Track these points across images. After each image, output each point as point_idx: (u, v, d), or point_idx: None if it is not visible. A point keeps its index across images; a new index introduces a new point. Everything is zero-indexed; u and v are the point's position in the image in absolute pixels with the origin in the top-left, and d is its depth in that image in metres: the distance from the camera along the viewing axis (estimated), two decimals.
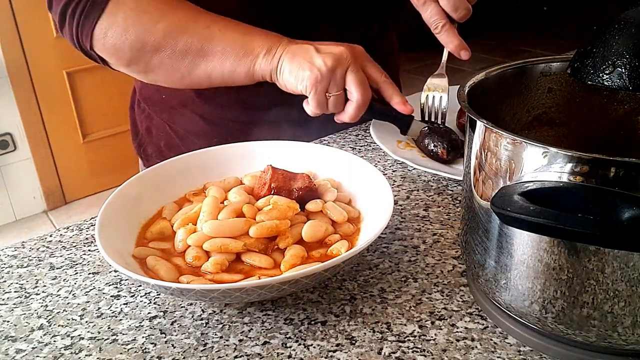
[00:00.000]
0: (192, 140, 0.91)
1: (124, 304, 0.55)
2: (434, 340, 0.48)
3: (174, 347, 0.49)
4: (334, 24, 0.83)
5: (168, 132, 0.94)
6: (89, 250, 0.64)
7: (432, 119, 0.78)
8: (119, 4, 0.70)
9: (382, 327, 0.50)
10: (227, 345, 0.49)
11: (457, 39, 0.74)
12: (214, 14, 0.72)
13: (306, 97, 0.70)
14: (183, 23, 0.70)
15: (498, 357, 0.46)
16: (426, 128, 0.78)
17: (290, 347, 0.49)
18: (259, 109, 0.87)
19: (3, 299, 0.56)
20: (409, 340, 0.49)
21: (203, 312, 0.53)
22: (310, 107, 0.70)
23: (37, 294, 0.57)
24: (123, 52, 0.72)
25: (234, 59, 0.70)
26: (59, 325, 0.53)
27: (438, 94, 0.78)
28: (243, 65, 0.71)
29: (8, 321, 0.54)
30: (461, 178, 0.59)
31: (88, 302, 0.55)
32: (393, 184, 0.73)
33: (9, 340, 0.51)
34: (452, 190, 0.71)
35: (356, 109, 0.70)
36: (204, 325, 0.52)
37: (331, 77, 0.68)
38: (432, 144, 0.76)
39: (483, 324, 0.50)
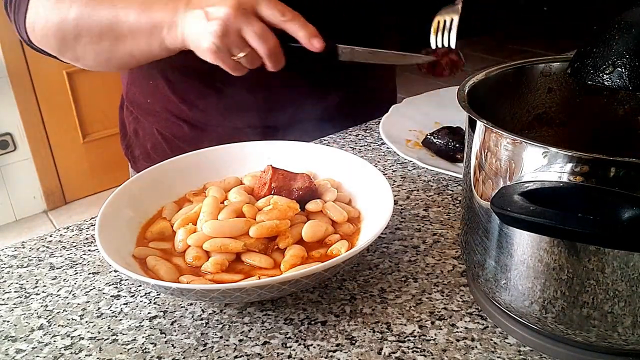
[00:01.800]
0: (177, 144, 0.90)
1: (124, 304, 0.55)
2: (434, 340, 0.48)
3: (174, 347, 0.49)
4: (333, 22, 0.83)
5: (155, 135, 0.92)
6: (89, 250, 0.64)
7: (442, 43, 0.76)
8: None
9: (382, 327, 0.50)
10: (227, 345, 0.49)
11: None
12: None
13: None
14: (90, 8, 0.70)
15: (498, 357, 0.46)
16: (433, 131, 0.77)
17: (290, 347, 0.49)
18: (242, 114, 0.86)
19: (3, 299, 0.56)
20: (409, 340, 0.49)
21: (203, 312, 0.53)
22: (230, 72, 0.69)
23: (37, 294, 0.57)
24: (51, 43, 0.73)
25: (145, 37, 0.69)
26: (59, 325, 0.53)
27: (449, 17, 0.76)
28: (155, 42, 0.70)
29: (8, 321, 0.54)
30: None
31: (88, 302, 0.55)
32: (393, 184, 0.73)
33: (9, 340, 0.51)
34: (452, 190, 0.71)
35: (268, 60, 0.67)
36: (204, 325, 0.52)
37: (228, 43, 0.65)
38: (444, 143, 0.76)
39: (483, 324, 0.50)
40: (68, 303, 0.55)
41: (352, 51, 0.71)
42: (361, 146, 0.84)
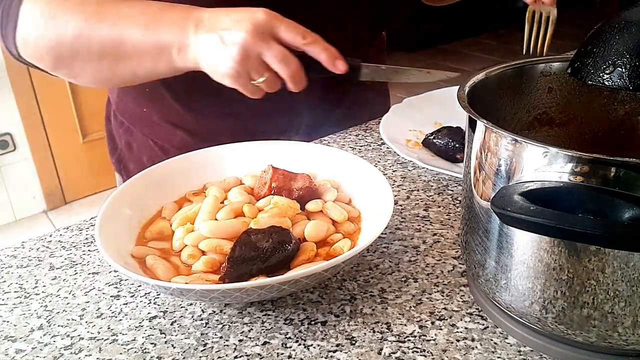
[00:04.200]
0: (176, 154, 0.86)
1: (124, 304, 0.55)
2: (434, 340, 0.48)
3: (174, 347, 0.49)
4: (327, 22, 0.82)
5: (151, 147, 0.88)
6: (89, 250, 0.64)
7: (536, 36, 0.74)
8: (29, 10, 0.66)
9: (382, 327, 0.50)
10: (227, 346, 0.49)
11: None
12: (121, 1, 0.67)
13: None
14: (90, 25, 0.66)
15: (498, 357, 0.46)
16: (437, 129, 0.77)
17: (290, 347, 0.49)
18: (249, 121, 0.84)
19: (3, 299, 0.56)
20: (409, 340, 0.48)
21: (203, 312, 0.53)
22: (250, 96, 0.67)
23: (36, 294, 0.57)
24: (44, 59, 0.69)
25: (150, 58, 0.66)
26: (58, 326, 0.53)
27: (545, 11, 0.74)
28: (162, 64, 0.67)
29: (8, 321, 0.53)
30: None
31: (88, 302, 0.55)
32: (393, 184, 0.73)
33: (8, 340, 0.51)
34: (452, 190, 0.71)
35: (291, 82, 0.65)
36: (204, 325, 0.52)
37: (247, 68, 0.63)
38: (444, 144, 0.76)
39: (483, 324, 0.50)
40: (68, 303, 0.55)
41: (376, 69, 0.70)
42: (361, 146, 0.84)
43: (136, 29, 0.66)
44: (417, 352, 0.47)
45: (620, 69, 0.43)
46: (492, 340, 0.48)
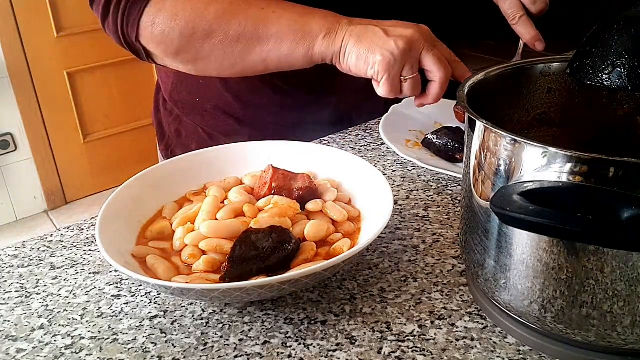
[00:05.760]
0: (225, 142, 0.90)
1: (125, 303, 0.55)
2: (433, 339, 0.48)
3: (175, 347, 0.49)
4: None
5: (200, 135, 0.92)
6: (90, 250, 0.64)
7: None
8: None
9: (382, 327, 0.50)
10: (228, 345, 0.49)
11: (533, 30, 0.75)
12: None
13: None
14: (235, 6, 0.68)
15: (498, 357, 0.47)
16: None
17: (291, 346, 0.49)
18: (297, 110, 0.87)
19: (4, 299, 0.57)
20: (409, 339, 0.49)
21: (203, 311, 0.53)
22: (382, 91, 0.67)
23: (37, 294, 0.57)
24: (172, 40, 0.69)
25: (291, 42, 0.68)
26: (59, 325, 0.53)
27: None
28: (301, 48, 0.68)
29: (9, 321, 0.54)
30: None
31: (89, 301, 0.56)
32: (393, 184, 0.74)
33: (9, 339, 0.51)
34: (451, 190, 0.71)
35: (440, 87, 0.67)
36: (204, 324, 0.52)
37: (405, 60, 0.65)
38: (443, 144, 0.76)
39: (483, 324, 0.50)
40: (69, 303, 0.56)
41: None
42: (361, 146, 0.84)
43: (287, 13, 0.68)
44: (417, 351, 0.47)
45: (619, 69, 0.43)
46: (491, 339, 0.48)
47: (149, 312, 0.54)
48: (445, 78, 0.67)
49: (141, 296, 0.56)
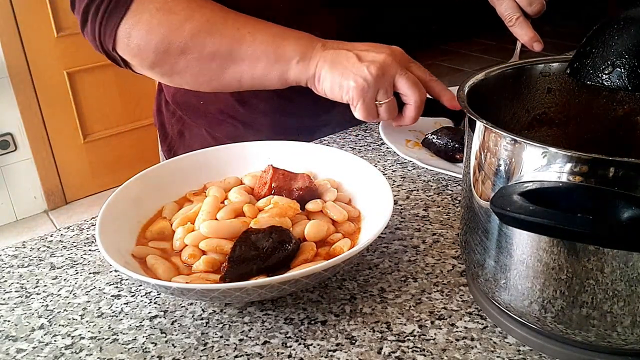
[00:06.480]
0: (228, 143, 0.91)
1: (125, 303, 0.55)
2: (433, 339, 0.48)
3: (175, 347, 0.49)
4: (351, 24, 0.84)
5: (204, 136, 0.92)
6: (90, 250, 0.64)
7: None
8: (144, 3, 0.67)
9: (382, 327, 0.50)
10: (228, 345, 0.49)
11: (530, 31, 0.75)
12: (245, 15, 0.70)
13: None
14: (211, 24, 0.68)
15: (498, 357, 0.47)
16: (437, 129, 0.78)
17: (291, 346, 0.49)
18: (302, 115, 0.87)
19: (4, 299, 0.57)
20: (409, 339, 0.49)
21: (203, 311, 0.53)
22: (358, 116, 0.68)
23: (37, 294, 0.57)
24: (147, 53, 0.69)
25: (265, 63, 0.68)
26: (59, 325, 0.53)
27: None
28: (275, 71, 0.69)
29: (9, 321, 0.54)
30: None
31: (89, 301, 0.56)
32: (393, 184, 0.74)
33: (9, 339, 0.51)
34: (451, 190, 0.71)
35: (415, 110, 0.68)
36: (204, 324, 0.52)
37: (379, 86, 0.66)
38: (443, 143, 0.76)
39: (483, 324, 0.50)
40: (69, 303, 0.56)
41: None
42: (361, 146, 0.85)
43: (261, 35, 0.68)
44: (417, 351, 0.47)
45: (619, 69, 0.43)
46: (491, 339, 0.48)
47: (149, 312, 0.54)
48: (420, 101, 0.68)
49: (141, 296, 0.56)
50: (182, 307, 0.54)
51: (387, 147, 0.82)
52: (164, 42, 0.68)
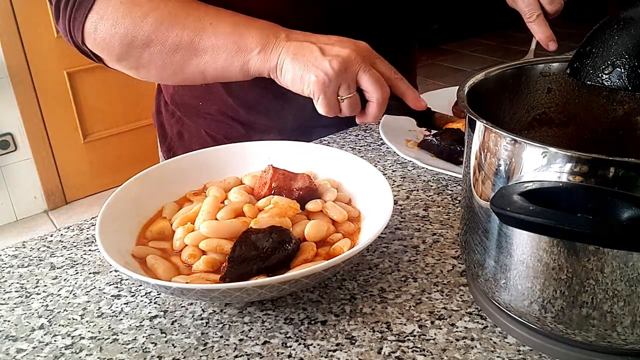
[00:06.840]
0: (227, 144, 0.91)
1: (125, 303, 0.55)
2: (433, 339, 0.48)
3: (175, 347, 0.49)
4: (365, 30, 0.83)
5: (203, 137, 0.92)
6: (90, 250, 0.64)
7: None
8: None
9: (382, 327, 0.50)
10: (228, 345, 0.49)
11: (548, 30, 0.76)
12: (210, 5, 0.69)
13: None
14: (173, 16, 0.67)
15: (498, 357, 0.47)
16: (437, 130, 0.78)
17: (291, 346, 0.49)
18: (301, 115, 0.87)
19: (4, 299, 0.57)
20: (409, 339, 0.49)
21: (203, 311, 0.53)
22: (320, 110, 0.68)
23: (37, 294, 0.57)
24: (113, 47, 0.69)
25: (227, 54, 0.67)
26: (59, 325, 0.53)
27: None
28: (236, 62, 0.68)
29: (9, 321, 0.54)
30: None
31: (89, 301, 0.56)
32: (393, 184, 0.74)
33: (9, 339, 0.51)
34: (451, 190, 0.71)
35: (377, 107, 0.67)
36: (204, 324, 0.52)
37: (340, 81, 0.65)
38: (443, 144, 0.76)
39: (483, 324, 0.50)
40: (69, 303, 0.56)
41: (443, 116, 0.75)
42: (361, 146, 0.85)
43: (223, 25, 0.67)
44: (417, 351, 0.47)
45: (619, 69, 0.43)
46: (491, 339, 0.48)
47: (149, 312, 0.54)
48: (382, 98, 0.67)
49: (141, 296, 0.56)
50: (182, 307, 0.54)
51: (387, 147, 0.82)
52: (128, 35, 0.68)
